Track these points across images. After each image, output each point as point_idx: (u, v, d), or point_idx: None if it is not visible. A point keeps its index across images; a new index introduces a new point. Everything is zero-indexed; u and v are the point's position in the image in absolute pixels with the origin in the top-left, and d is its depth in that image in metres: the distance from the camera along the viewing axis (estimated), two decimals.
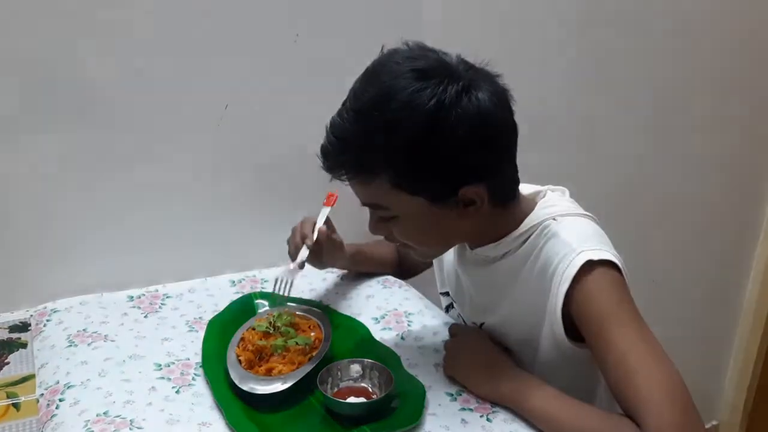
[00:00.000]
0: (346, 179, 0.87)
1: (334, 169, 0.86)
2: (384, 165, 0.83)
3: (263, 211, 1.28)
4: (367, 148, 0.83)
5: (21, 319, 1.09)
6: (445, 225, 0.89)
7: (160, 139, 1.16)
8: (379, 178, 0.84)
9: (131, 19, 1.08)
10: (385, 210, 0.88)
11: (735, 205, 1.90)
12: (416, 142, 0.81)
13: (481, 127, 0.82)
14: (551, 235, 0.89)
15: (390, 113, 0.80)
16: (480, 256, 0.97)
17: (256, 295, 1.13)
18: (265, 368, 0.91)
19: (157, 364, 0.95)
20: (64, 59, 1.06)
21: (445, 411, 0.88)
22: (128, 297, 1.14)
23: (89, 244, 1.16)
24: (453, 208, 0.86)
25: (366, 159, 0.84)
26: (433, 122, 0.80)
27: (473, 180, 0.85)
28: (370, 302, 1.15)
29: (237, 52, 1.16)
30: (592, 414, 0.82)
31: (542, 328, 0.90)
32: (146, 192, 1.17)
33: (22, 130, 1.07)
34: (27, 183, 1.10)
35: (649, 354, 0.79)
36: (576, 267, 0.84)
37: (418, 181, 0.84)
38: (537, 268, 0.89)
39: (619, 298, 0.84)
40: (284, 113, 1.23)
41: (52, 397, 0.88)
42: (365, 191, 0.87)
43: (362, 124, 0.82)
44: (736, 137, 1.80)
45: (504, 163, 0.88)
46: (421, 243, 0.93)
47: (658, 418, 0.75)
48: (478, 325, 1.01)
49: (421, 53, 0.84)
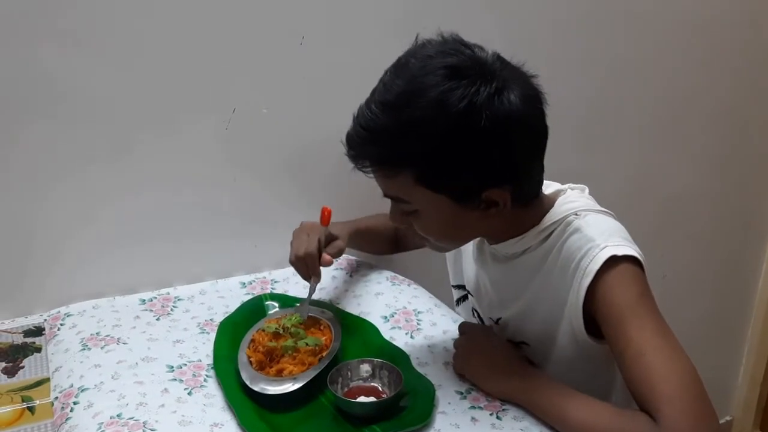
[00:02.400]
0: (369, 170, 0.86)
1: (358, 159, 0.85)
2: (409, 160, 0.82)
3: (272, 212, 1.28)
4: (393, 142, 0.82)
5: (35, 323, 1.10)
6: (466, 223, 0.89)
7: (170, 144, 1.16)
8: (403, 173, 0.83)
9: (142, 25, 1.08)
10: (407, 204, 0.87)
11: (747, 201, 1.89)
12: (444, 141, 0.80)
13: (510, 130, 0.81)
14: (574, 231, 0.88)
15: (419, 110, 0.79)
16: (499, 252, 0.97)
17: (266, 297, 1.14)
18: (276, 369, 0.92)
19: (169, 366, 0.96)
20: (74, 63, 1.06)
21: (455, 409, 0.88)
22: (140, 300, 1.15)
23: (101, 248, 1.17)
24: (475, 208, 0.86)
25: (391, 153, 0.83)
26: (462, 123, 0.78)
27: (498, 182, 0.84)
28: (380, 300, 1.15)
29: (244, 56, 1.16)
30: (606, 410, 0.81)
31: (561, 324, 0.90)
32: (156, 196, 1.18)
33: (28, 134, 1.07)
34: (39, 190, 1.11)
35: (667, 349, 0.79)
36: (599, 262, 0.84)
37: (442, 180, 0.83)
38: (558, 263, 0.89)
39: (639, 293, 0.83)
40: (291, 116, 1.23)
41: (66, 401, 0.89)
42: (388, 183, 0.87)
43: (390, 118, 0.81)
44: (748, 134, 1.79)
45: (531, 166, 0.88)
46: (440, 238, 0.93)
47: (674, 412, 0.74)
48: (495, 320, 1.01)
49: (455, 48, 0.82)
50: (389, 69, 0.84)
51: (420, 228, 0.90)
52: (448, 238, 0.94)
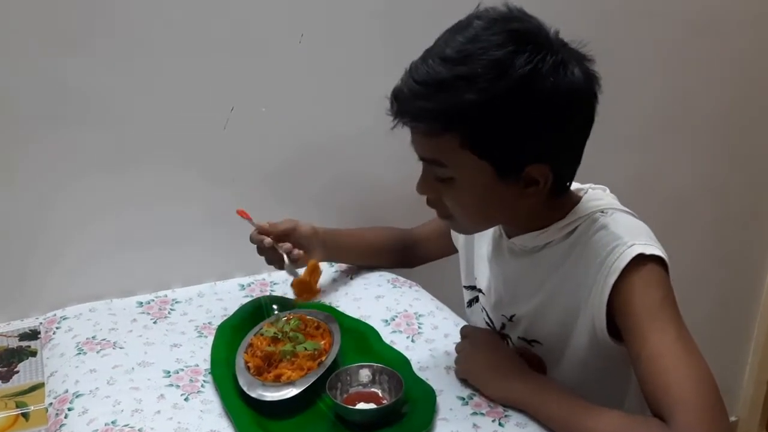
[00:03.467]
0: (413, 126, 0.82)
1: (404, 113, 0.81)
2: (460, 120, 0.79)
3: (272, 212, 1.26)
4: (447, 97, 0.78)
5: (31, 326, 1.09)
6: (498, 201, 0.86)
7: (167, 143, 1.15)
8: (450, 134, 0.80)
9: (138, 24, 1.07)
10: (444, 169, 0.84)
11: (751, 200, 1.87)
12: (501, 103, 0.77)
13: (569, 105, 0.80)
14: (600, 227, 0.87)
15: (481, 67, 0.76)
16: (518, 245, 0.95)
17: (265, 299, 1.12)
18: (274, 374, 0.90)
19: (165, 371, 0.95)
20: (74, 64, 1.06)
21: (456, 415, 0.86)
22: (137, 303, 1.13)
23: (98, 250, 1.16)
24: (514, 184, 0.83)
25: (443, 110, 0.79)
26: (523, 88, 0.77)
27: (545, 159, 0.82)
28: (380, 303, 1.14)
29: (242, 54, 1.15)
30: (615, 416, 0.79)
31: (578, 321, 0.89)
32: (153, 197, 1.17)
33: (24, 139, 1.07)
34: (35, 191, 1.10)
35: (685, 354, 0.77)
36: (626, 259, 0.82)
37: (491, 145, 0.80)
38: (582, 259, 0.87)
39: (663, 295, 0.82)
40: (290, 115, 1.22)
41: (60, 407, 0.88)
42: (429, 144, 0.83)
43: (448, 72, 0.78)
44: (750, 132, 1.77)
45: (577, 148, 0.87)
46: (467, 214, 0.89)
47: (688, 417, 0.73)
48: (509, 317, 0.99)
49: (521, 17, 0.81)
50: (449, 29, 0.82)
51: (450, 199, 0.87)
52: (477, 216, 0.90)
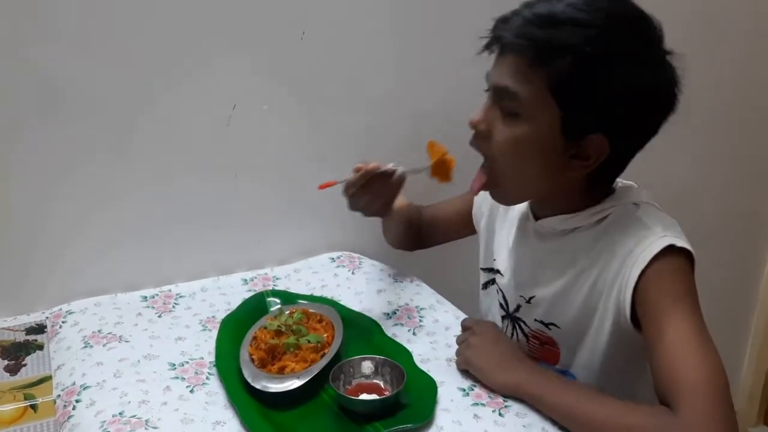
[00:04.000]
0: (514, 49, 0.82)
1: (503, 35, 0.83)
2: (561, 58, 0.79)
3: (273, 209, 1.28)
4: (559, 34, 0.80)
5: (37, 321, 1.10)
6: (543, 161, 0.87)
7: (170, 140, 1.16)
8: (543, 71, 0.81)
9: (141, 21, 1.08)
10: (517, 103, 0.84)
11: (750, 197, 1.89)
12: (605, 60, 0.79)
13: (660, 97, 0.84)
14: (632, 218, 0.89)
15: (601, 20, 0.80)
16: (545, 227, 0.96)
17: (268, 293, 1.14)
18: (278, 366, 0.92)
19: (171, 364, 0.96)
20: (74, 62, 1.06)
21: (457, 406, 0.88)
22: (142, 297, 1.15)
23: (102, 246, 1.17)
24: (567, 149, 0.85)
25: (551, 42, 0.80)
26: (631, 57, 0.80)
27: (610, 134, 0.84)
28: (382, 297, 1.15)
29: (243, 51, 1.16)
30: (619, 404, 0.80)
31: (599, 307, 0.90)
32: (157, 193, 1.18)
33: (27, 135, 1.07)
34: (40, 188, 1.11)
35: (701, 347, 0.79)
36: (657, 248, 0.83)
37: (575, 94, 0.81)
38: (610, 246, 0.88)
39: (687, 288, 0.83)
40: (292, 111, 1.23)
41: (68, 399, 0.89)
42: (517, 74, 0.83)
43: (569, 14, 0.80)
44: (749, 131, 1.78)
45: (638, 144, 0.89)
46: (508, 160, 0.88)
47: (697, 405, 0.74)
48: (527, 299, 1.00)
49: None
50: None
51: (503, 138, 0.86)
52: (516, 166, 0.88)
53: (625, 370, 0.93)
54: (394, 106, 1.31)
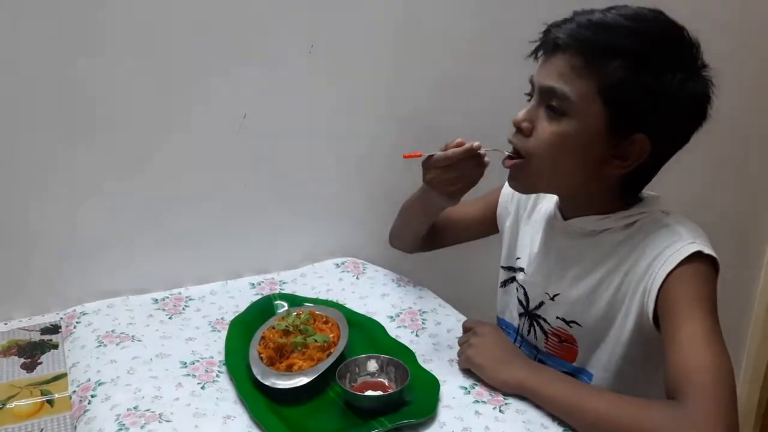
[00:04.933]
0: (556, 52, 0.88)
1: (559, 37, 0.87)
2: (612, 60, 0.85)
3: (281, 216, 1.32)
4: (612, 38, 0.86)
5: (51, 321, 1.13)
6: (585, 158, 0.91)
7: (181, 147, 1.20)
8: (594, 74, 0.86)
9: (153, 30, 1.12)
10: (563, 101, 0.88)
11: (745, 206, 1.91)
12: (654, 64, 0.85)
13: (698, 105, 0.89)
14: (662, 224, 0.92)
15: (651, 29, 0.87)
16: (574, 227, 0.99)
17: (275, 297, 1.17)
18: (286, 364, 0.95)
19: (182, 362, 0.99)
20: (90, 68, 1.10)
21: (459, 403, 0.91)
22: (153, 300, 1.18)
23: (114, 250, 1.20)
24: (610, 147, 0.89)
25: (604, 45, 0.86)
26: (685, 61, 0.87)
27: (654, 133, 0.88)
28: (385, 300, 1.19)
29: (254, 63, 1.20)
30: (622, 399, 0.82)
31: (623, 308, 0.93)
32: (167, 200, 1.22)
33: (47, 142, 1.11)
34: (54, 192, 1.14)
35: (715, 347, 0.81)
36: (685, 253, 0.87)
37: (624, 95, 0.86)
38: (639, 249, 0.91)
39: (709, 294, 0.86)
40: (300, 121, 1.27)
41: (84, 394, 0.93)
42: (566, 74, 0.88)
43: (620, 21, 0.87)
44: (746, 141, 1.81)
45: (674, 148, 0.93)
46: (548, 155, 0.91)
47: (704, 400, 0.76)
48: (551, 296, 1.02)
49: None
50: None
51: (545, 134, 0.90)
52: (556, 160, 0.91)
53: (642, 371, 0.95)
54: (402, 115, 1.35)
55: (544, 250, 1.05)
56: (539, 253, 1.06)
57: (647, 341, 0.92)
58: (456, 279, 1.30)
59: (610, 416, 0.81)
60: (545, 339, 1.04)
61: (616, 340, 0.95)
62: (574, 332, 1.00)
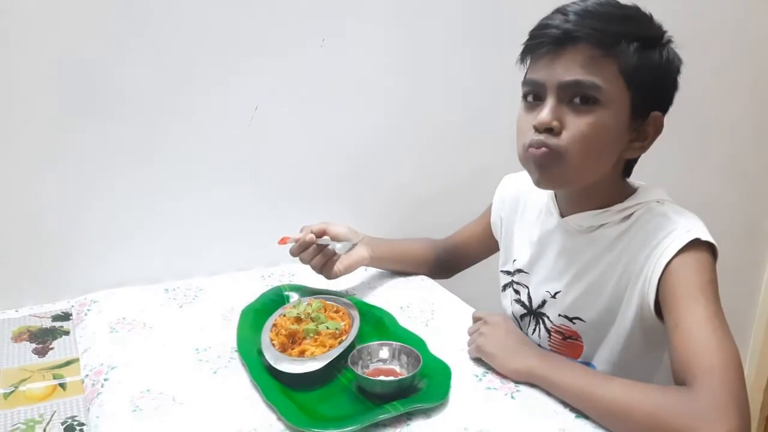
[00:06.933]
0: (566, 46, 0.89)
1: (573, 29, 0.88)
2: (626, 44, 0.88)
3: (291, 208, 1.32)
4: (617, 24, 0.89)
5: (63, 309, 1.14)
6: (613, 145, 0.92)
7: (194, 139, 1.21)
8: (611, 58, 0.88)
9: (167, 24, 1.14)
10: (595, 90, 0.88)
11: (750, 206, 1.92)
12: (655, 45, 0.90)
13: (679, 68, 0.94)
14: (658, 214, 0.93)
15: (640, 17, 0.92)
16: (572, 224, 1.00)
17: (285, 287, 1.18)
18: (298, 350, 0.95)
19: (194, 349, 1.00)
20: (102, 61, 1.11)
21: (470, 390, 0.91)
22: (164, 289, 1.19)
23: (125, 241, 1.22)
24: (632, 131, 0.92)
25: (613, 32, 0.88)
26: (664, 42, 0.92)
27: (664, 108, 0.93)
28: (395, 293, 1.20)
29: (266, 56, 1.21)
30: (633, 385, 0.82)
31: (624, 301, 0.94)
32: (179, 192, 1.23)
33: (60, 131, 1.12)
34: (66, 183, 1.15)
35: (720, 330, 0.81)
36: (684, 241, 0.88)
37: (641, 76, 0.89)
38: (637, 241, 0.93)
39: (709, 279, 0.87)
40: (312, 114, 1.28)
41: (96, 378, 0.93)
42: (588, 65, 0.88)
43: (617, 11, 0.91)
44: (751, 140, 1.83)
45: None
46: (583, 147, 0.90)
47: (713, 382, 0.76)
48: (552, 294, 1.03)
49: None
50: None
51: (578, 128, 0.89)
52: (589, 151, 0.91)
53: (644, 360, 0.96)
54: (410, 111, 1.36)
55: (543, 248, 1.06)
56: (537, 252, 1.07)
57: (649, 331, 0.92)
58: (463, 275, 1.30)
59: (622, 402, 0.80)
60: (549, 337, 1.05)
61: (619, 332, 0.95)
62: (577, 328, 1.01)
